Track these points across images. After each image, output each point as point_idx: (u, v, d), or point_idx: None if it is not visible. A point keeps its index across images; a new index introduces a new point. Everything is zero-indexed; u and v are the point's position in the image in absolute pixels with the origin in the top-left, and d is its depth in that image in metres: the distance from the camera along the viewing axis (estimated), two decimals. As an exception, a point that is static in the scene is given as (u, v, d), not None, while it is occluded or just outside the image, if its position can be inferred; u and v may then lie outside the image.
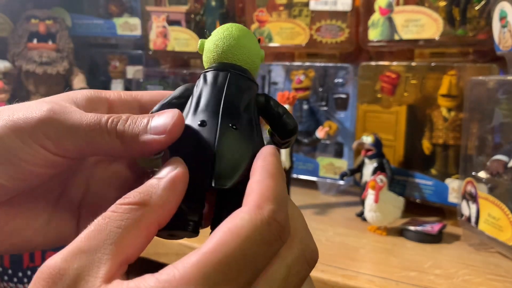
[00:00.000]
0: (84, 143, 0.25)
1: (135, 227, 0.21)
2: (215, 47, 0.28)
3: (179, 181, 0.23)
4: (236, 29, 0.29)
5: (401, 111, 0.78)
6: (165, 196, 0.23)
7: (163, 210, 0.23)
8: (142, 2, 1.03)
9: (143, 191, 0.22)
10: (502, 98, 0.65)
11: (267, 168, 0.24)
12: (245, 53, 0.28)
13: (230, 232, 0.20)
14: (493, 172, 0.61)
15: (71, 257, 0.20)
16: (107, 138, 0.25)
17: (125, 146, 0.25)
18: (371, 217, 0.66)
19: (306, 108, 0.87)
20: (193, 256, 0.20)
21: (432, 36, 0.74)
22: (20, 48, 1.01)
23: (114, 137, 0.25)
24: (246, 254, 0.20)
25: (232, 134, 0.25)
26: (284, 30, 0.88)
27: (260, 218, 0.21)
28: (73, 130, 0.25)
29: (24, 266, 0.85)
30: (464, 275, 0.54)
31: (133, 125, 0.25)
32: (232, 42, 0.28)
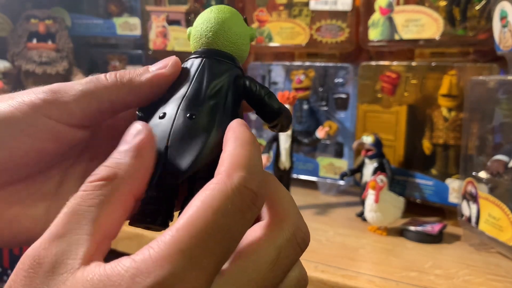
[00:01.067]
0: (88, 99, 0.26)
1: (108, 202, 0.21)
2: (195, 33, 0.28)
3: (145, 146, 0.23)
4: (215, 11, 0.28)
5: (401, 111, 0.78)
6: (133, 165, 0.22)
7: (134, 180, 0.22)
8: (142, 1, 1.03)
9: (110, 163, 0.22)
10: (503, 98, 0.65)
11: (237, 137, 0.23)
12: (226, 35, 0.27)
13: (202, 204, 0.20)
14: (493, 172, 0.61)
15: (49, 244, 0.20)
16: (107, 86, 0.26)
17: (130, 86, 0.26)
18: (371, 217, 0.66)
19: (306, 108, 0.87)
20: (167, 234, 0.19)
21: (432, 36, 0.74)
22: (19, 48, 1.01)
23: (115, 82, 0.26)
24: (220, 224, 0.20)
25: (185, 124, 0.24)
26: (284, 30, 0.88)
27: (231, 186, 0.21)
28: (75, 90, 0.26)
29: (23, 266, 0.85)
30: (465, 275, 0.54)
31: (134, 71, 0.27)
32: (210, 26, 0.27)
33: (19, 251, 0.85)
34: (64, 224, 0.20)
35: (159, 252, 0.19)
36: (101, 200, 0.21)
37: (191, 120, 0.25)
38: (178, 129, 0.24)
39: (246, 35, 0.29)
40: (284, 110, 0.27)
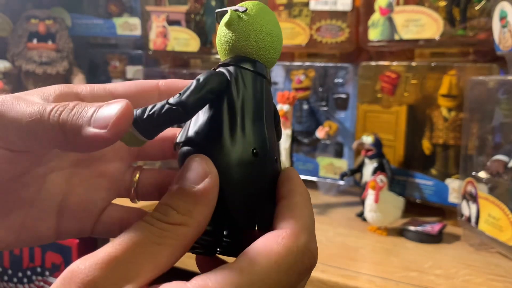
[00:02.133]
0: (27, 135, 0.23)
1: (173, 245, 0.21)
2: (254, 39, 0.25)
3: (213, 192, 0.23)
4: (273, 24, 0.25)
5: (401, 111, 0.78)
6: (203, 212, 0.22)
7: (200, 226, 0.22)
8: (142, 2, 1.03)
9: (182, 209, 0.22)
10: (502, 98, 0.65)
11: (303, 194, 0.24)
12: (277, 51, 0.26)
13: (266, 254, 0.21)
14: (493, 172, 0.61)
15: (105, 267, 0.20)
16: (49, 130, 0.23)
17: (67, 140, 0.22)
18: (371, 217, 0.66)
19: (306, 108, 0.87)
20: (227, 271, 0.20)
21: (432, 36, 0.74)
22: (20, 48, 1.01)
23: (57, 129, 0.22)
24: (279, 280, 0.20)
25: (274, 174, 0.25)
26: (284, 30, 0.88)
27: (297, 246, 0.21)
28: (16, 121, 0.23)
29: (24, 266, 0.85)
30: (465, 275, 0.54)
31: (77, 116, 0.22)
32: (269, 40, 0.25)
33: (19, 251, 0.85)
34: (125, 251, 0.20)
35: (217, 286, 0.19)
36: (167, 242, 0.21)
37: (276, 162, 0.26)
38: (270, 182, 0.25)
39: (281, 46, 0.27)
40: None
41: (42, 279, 0.84)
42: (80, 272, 0.19)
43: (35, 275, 0.84)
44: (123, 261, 0.20)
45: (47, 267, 0.82)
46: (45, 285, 0.83)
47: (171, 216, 0.22)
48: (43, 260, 0.82)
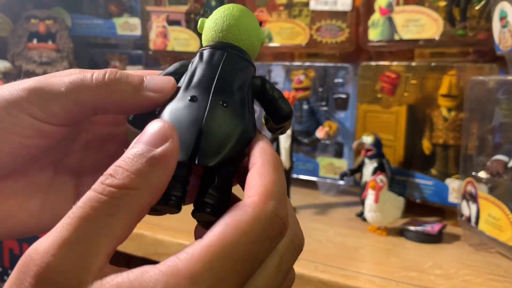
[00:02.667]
0: (71, 102, 0.24)
1: (127, 212, 0.20)
2: (214, 25, 0.28)
3: (173, 156, 0.21)
4: (237, 9, 0.28)
5: (401, 111, 0.78)
6: (159, 177, 0.21)
7: (157, 192, 0.21)
8: (142, 2, 1.03)
9: (133, 171, 0.20)
10: (502, 98, 0.65)
11: (270, 160, 0.23)
12: (245, 34, 0.28)
13: (235, 225, 0.20)
14: (493, 172, 0.61)
15: (58, 250, 0.18)
16: (93, 90, 0.24)
17: (113, 100, 0.25)
18: (371, 217, 0.66)
19: (306, 108, 0.87)
20: (196, 248, 0.19)
21: (432, 36, 0.74)
22: (20, 48, 1.01)
23: (103, 89, 0.24)
24: (249, 249, 0.20)
25: (221, 111, 0.25)
26: (284, 30, 0.88)
27: (264, 214, 0.21)
28: (58, 91, 0.24)
29: (24, 266, 0.85)
30: (464, 275, 0.54)
31: (125, 78, 0.25)
32: (232, 22, 0.28)
33: (19, 250, 0.85)
34: (76, 230, 0.19)
35: (188, 266, 0.19)
36: (119, 210, 0.20)
37: (225, 108, 0.25)
38: (214, 114, 0.25)
39: (259, 38, 0.29)
40: (292, 116, 0.28)
41: (42, 279, 0.84)
42: (34, 263, 0.18)
43: (35, 275, 0.84)
44: (76, 241, 0.19)
45: (47, 267, 0.82)
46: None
47: (122, 178, 0.20)
48: (43, 260, 0.82)
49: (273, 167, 0.23)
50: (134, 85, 0.25)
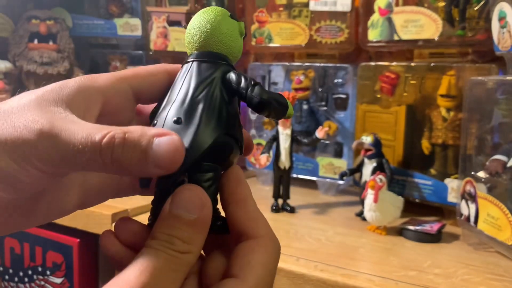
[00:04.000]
0: (78, 167, 0.24)
1: (185, 271, 0.24)
2: (186, 38, 0.29)
3: (209, 220, 0.25)
4: (202, 15, 0.29)
5: (401, 111, 0.79)
6: (202, 239, 0.25)
7: (200, 250, 0.25)
8: (142, 2, 1.03)
9: (187, 240, 0.24)
10: (501, 98, 0.65)
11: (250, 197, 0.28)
12: (213, 37, 0.28)
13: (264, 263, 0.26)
14: (492, 172, 0.62)
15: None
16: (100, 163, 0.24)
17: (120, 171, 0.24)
18: (371, 216, 0.66)
19: (306, 108, 0.87)
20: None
21: (431, 37, 0.74)
22: (21, 49, 1.02)
23: (109, 164, 0.24)
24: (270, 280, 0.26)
25: (173, 128, 0.26)
26: (284, 30, 0.88)
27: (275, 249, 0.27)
28: (66, 153, 0.23)
29: (25, 265, 0.86)
30: (463, 274, 0.54)
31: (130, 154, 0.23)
32: (198, 30, 0.28)
33: (20, 250, 0.85)
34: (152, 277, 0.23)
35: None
36: (181, 270, 0.24)
37: (178, 125, 0.26)
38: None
39: (235, 32, 0.29)
40: (269, 102, 0.27)
41: (43, 279, 0.84)
42: None
43: (36, 274, 0.85)
44: (154, 286, 0.22)
45: (48, 267, 0.83)
46: (46, 285, 0.84)
47: (178, 246, 0.24)
48: (44, 260, 0.83)
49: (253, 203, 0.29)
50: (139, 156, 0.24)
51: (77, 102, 0.26)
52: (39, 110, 0.25)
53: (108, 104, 0.29)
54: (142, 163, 0.24)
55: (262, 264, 0.26)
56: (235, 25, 0.29)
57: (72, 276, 0.80)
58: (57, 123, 0.24)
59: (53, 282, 0.82)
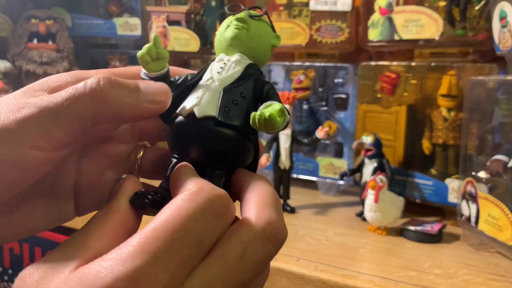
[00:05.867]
0: (70, 121, 0.24)
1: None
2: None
3: None
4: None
5: (401, 111, 0.78)
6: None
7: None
8: (142, 2, 1.03)
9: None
10: (502, 98, 0.65)
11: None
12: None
13: (170, 210, 0.22)
14: (493, 172, 0.62)
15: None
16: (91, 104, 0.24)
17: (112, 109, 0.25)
18: (371, 217, 0.66)
19: (306, 108, 0.87)
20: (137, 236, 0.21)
21: (432, 36, 0.74)
22: (20, 48, 1.01)
23: (99, 101, 0.24)
24: (187, 228, 0.21)
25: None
26: (284, 30, 0.88)
27: (200, 195, 0.23)
28: (55, 114, 0.24)
29: (24, 266, 0.85)
30: (464, 275, 0.54)
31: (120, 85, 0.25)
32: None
33: (19, 250, 0.85)
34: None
35: (126, 251, 0.21)
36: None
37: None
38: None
39: (269, 44, 0.30)
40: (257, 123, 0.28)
41: (42, 279, 0.84)
42: None
43: (35, 274, 0.84)
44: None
45: (47, 267, 0.82)
46: (46, 285, 0.83)
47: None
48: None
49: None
50: (130, 91, 0.25)
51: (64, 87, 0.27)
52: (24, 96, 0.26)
53: None
54: (135, 99, 0.25)
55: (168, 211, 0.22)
56: (271, 37, 0.31)
57: (72, 277, 0.80)
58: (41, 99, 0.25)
59: (53, 282, 0.82)
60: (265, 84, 0.28)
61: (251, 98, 0.28)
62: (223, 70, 0.28)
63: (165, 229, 0.21)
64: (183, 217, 0.22)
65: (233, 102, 0.27)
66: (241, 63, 0.28)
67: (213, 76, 0.28)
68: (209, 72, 0.28)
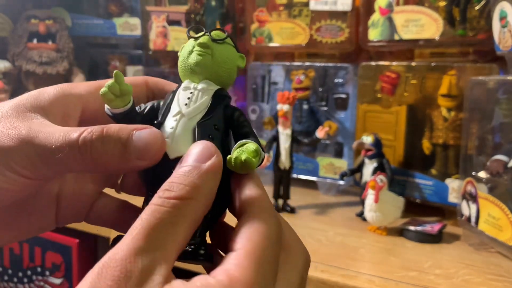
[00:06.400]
0: (59, 167, 0.24)
1: (187, 220, 0.22)
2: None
3: (220, 168, 0.24)
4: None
5: (401, 111, 0.78)
6: (210, 187, 0.23)
7: (208, 200, 0.23)
8: (142, 2, 1.03)
9: (188, 183, 0.23)
10: (502, 98, 0.65)
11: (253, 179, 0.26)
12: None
13: (256, 232, 0.23)
14: (493, 172, 0.61)
15: (134, 257, 0.20)
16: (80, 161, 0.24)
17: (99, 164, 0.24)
18: (371, 217, 0.66)
19: (306, 108, 0.87)
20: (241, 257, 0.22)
21: (432, 36, 0.74)
22: (20, 48, 1.01)
23: (89, 161, 0.24)
24: (273, 249, 0.23)
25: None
26: (284, 30, 0.88)
27: (271, 217, 0.24)
28: (45, 154, 0.24)
29: (24, 266, 0.85)
30: (464, 275, 0.54)
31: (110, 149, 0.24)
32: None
33: (19, 250, 0.85)
34: (147, 239, 0.21)
35: (245, 275, 0.21)
36: (181, 219, 0.22)
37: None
38: None
39: (234, 65, 0.29)
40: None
41: (42, 279, 0.84)
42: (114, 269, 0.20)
43: (35, 274, 0.84)
44: (149, 248, 0.21)
45: (47, 267, 0.82)
46: (45, 285, 0.83)
47: (179, 191, 0.22)
48: (43, 260, 0.83)
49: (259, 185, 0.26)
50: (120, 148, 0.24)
51: (55, 108, 0.27)
52: (17, 116, 0.25)
53: (87, 110, 0.29)
54: (124, 155, 0.24)
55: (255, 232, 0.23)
56: (235, 59, 0.30)
57: (72, 277, 0.80)
58: (34, 127, 0.25)
59: (52, 282, 0.82)
60: (234, 111, 0.28)
61: (223, 128, 0.28)
62: (190, 102, 0.27)
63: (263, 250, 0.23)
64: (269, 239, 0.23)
65: (208, 136, 0.26)
66: (208, 91, 0.28)
67: (181, 110, 0.27)
68: (177, 104, 0.27)
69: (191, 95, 0.28)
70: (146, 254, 0.20)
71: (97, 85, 0.30)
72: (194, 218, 0.23)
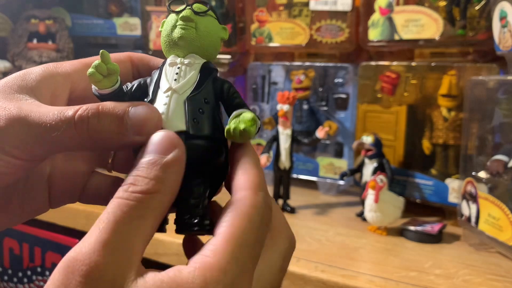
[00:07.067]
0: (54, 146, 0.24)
1: (154, 213, 0.22)
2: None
3: (183, 162, 0.24)
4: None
5: (401, 111, 0.78)
6: (174, 180, 0.23)
7: (173, 193, 0.23)
8: (142, 2, 1.03)
9: (152, 177, 0.22)
10: (502, 98, 0.65)
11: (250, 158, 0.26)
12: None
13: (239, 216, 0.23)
14: (493, 172, 0.61)
15: (103, 251, 0.20)
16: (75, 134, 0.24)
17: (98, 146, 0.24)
18: (371, 217, 0.66)
19: (306, 108, 0.87)
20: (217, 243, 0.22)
21: (432, 36, 0.74)
22: (20, 48, 1.01)
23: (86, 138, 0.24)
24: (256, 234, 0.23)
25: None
26: (284, 30, 0.88)
27: (259, 202, 0.24)
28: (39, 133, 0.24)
29: (24, 266, 0.85)
30: (464, 275, 0.54)
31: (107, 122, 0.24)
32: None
33: (19, 250, 0.85)
34: (114, 232, 0.21)
35: (219, 260, 0.21)
36: (147, 212, 0.22)
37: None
38: None
39: (218, 38, 0.29)
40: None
41: (42, 279, 0.84)
42: (82, 263, 0.20)
43: (35, 275, 0.84)
44: (117, 241, 0.20)
45: (47, 267, 0.82)
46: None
47: (145, 185, 0.22)
48: (43, 260, 0.83)
49: (254, 164, 0.26)
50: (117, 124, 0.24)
51: (43, 88, 0.27)
52: (4, 98, 0.25)
53: (75, 89, 0.29)
54: (121, 131, 0.24)
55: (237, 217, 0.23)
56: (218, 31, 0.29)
57: (72, 277, 0.79)
58: (25, 107, 0.24)
59: (53, 282, 0.82)
60: (223, 83, 0.28)
61: (213, 102, 0.27)
62: (179, 77, 0.27)
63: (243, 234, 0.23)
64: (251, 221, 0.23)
65: (199, 110, 0.26)
66: (195, 65, 0.28)
67: (172, 86, 0.27)
68: (166, 80, 0.27)
69: (179, 70, 0.27)
70: (114, 247, 0.20)
71: (83, 63, 0.30)
72: (160, 211, 0.23)
